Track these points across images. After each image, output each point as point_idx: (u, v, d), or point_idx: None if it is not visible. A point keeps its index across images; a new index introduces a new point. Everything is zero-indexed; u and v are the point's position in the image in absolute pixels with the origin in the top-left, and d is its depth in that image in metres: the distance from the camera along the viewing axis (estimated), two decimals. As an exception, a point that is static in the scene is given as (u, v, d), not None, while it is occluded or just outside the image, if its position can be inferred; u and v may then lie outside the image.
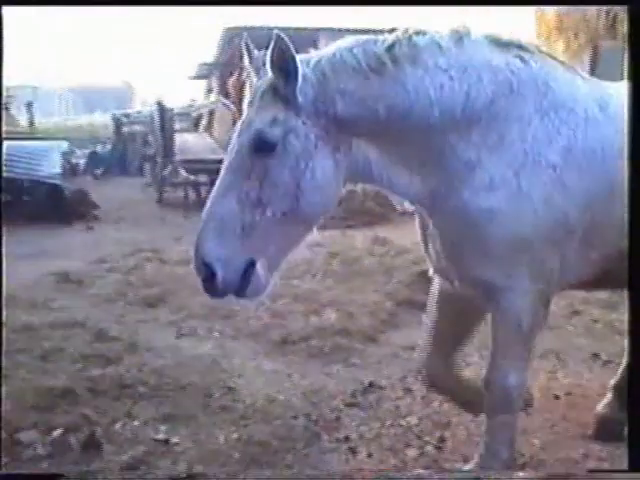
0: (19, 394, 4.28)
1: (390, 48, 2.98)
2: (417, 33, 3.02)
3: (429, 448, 3.87)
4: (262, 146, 2.88)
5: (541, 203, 3.05)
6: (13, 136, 14.39)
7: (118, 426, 4.04)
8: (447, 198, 3.05)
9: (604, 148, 3.18)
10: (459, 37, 3.05)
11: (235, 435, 3.96)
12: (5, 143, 12.35)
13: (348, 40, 3.04)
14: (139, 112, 23.64)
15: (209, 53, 26.10)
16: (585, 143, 3.15)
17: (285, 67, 2.86)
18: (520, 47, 3.17)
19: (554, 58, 3.32)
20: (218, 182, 2.92)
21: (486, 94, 3.02)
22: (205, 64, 26.99)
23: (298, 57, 2.88)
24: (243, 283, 2.89)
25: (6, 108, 22.85)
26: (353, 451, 3.80)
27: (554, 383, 4.64)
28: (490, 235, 3.05)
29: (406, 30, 3.04)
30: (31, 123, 24.15)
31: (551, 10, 14.22)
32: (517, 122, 3.06)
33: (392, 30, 3.06)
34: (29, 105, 25.03)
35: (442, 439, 3.95)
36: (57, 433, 3.86)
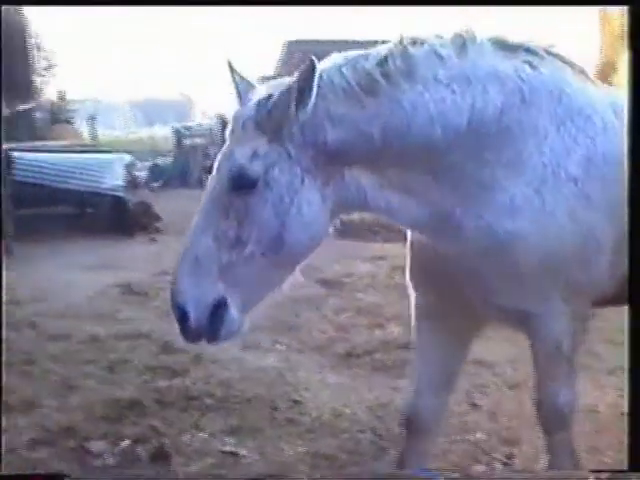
0: (88, 404, 4.39)
1: (382, 63, 2.73)
2: (413, 43, 2.77)
3: (497, 464, 3.84)
4: (242, 182, 2.66)
5: (566, 219, 2.88)
6: (77, 149, 14.70)
7: (186, 438, 4.10)
8: (463, 221, 2.83)
9: (622, 154, 2.97)
10: (462, 43, 2.81)
11: (302, 448, 3.99)
12: (67, 155, 12.69)
13: (336, 57, 2.79)
14: (200, 125, 23.98)
15: (269, 67, 26.50)
16: (605, 151, 2.98)
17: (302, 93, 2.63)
18: (528, 50, 2.94)
19: (564, 60, 3.08)
20: (195, 218, 2.72)
21: (495, 106, 2.79)
22: (265, 77, 27.28)
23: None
24: (214, 324, 2.67)
25: (69, 122, 23.54)
26: (420, 467, 3.79)
27: (622, 400, 4.54)
28: (519, 259, 2.86)
29: (400, 40, 2.78)
30: (94, 136, 24.74)
31: (615, 12, 13.98)
32: (532, 134, 2.86)
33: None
34: (92, 118, 25.66)
35: (510, 455, 3.91)
36: (125, 444, 3.94)
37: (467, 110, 2.75)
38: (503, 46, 2.90)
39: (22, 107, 19.68)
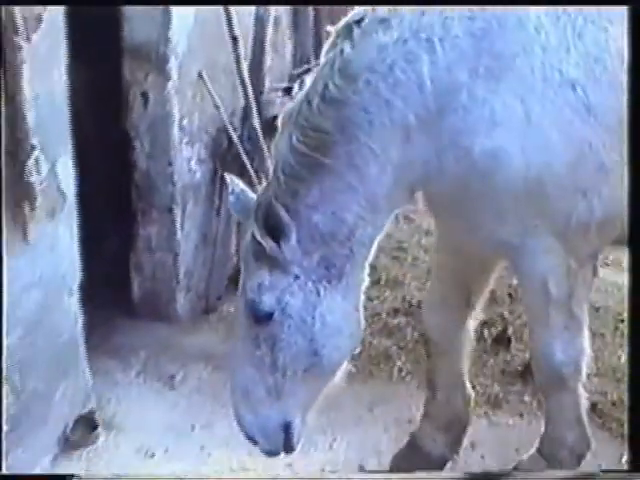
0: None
1: (328, 106, 2.56)
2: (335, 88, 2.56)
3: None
4: (258, 316, 2.69)
5: (557, 134, 2.55)
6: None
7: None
8: (443, 161, 2.61)
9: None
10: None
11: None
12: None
13: (284, 135, 2.67)
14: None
15: None
16: (617, 50, 2.54)
17: (272, 227, 2.60)
18: None
19: None
20: (232, 352, 2.84)
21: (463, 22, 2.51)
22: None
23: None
24: (287, 442, 2.81)
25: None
26: None
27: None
28: (499, 183, 2.60)
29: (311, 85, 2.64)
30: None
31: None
32: (517, 30, 2.55)
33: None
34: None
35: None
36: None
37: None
38: None
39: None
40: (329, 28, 2.76)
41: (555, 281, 2.77)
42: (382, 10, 2.55)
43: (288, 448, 2.86)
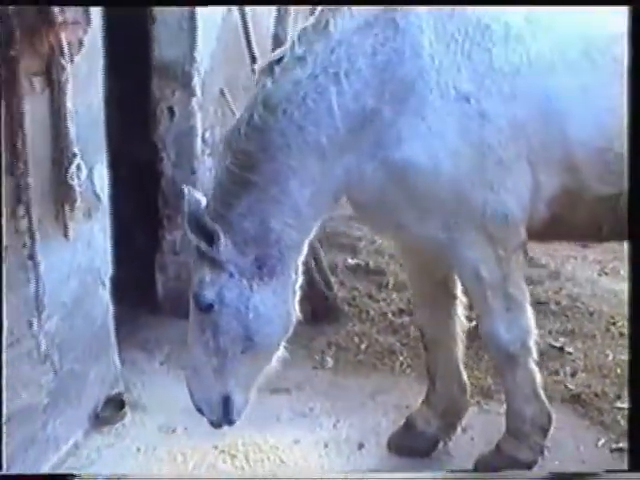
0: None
1: (253, 132, 3.05)
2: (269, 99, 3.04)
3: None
4: (201, 306, 3.17)
5: (458, 141, 3.00)
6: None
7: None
8: (363, 170, 3.07)
9: (532, 64, 3.00)
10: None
11: (624, 357, 4.59)
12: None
13: (222, 157, 3.23)
14: None
15: None
16: (505, 63, 3.00)
17: (202, 233, 3.07)
18: None
19: None
20: (187, 336, 3.32)
21: (365, 54, 2.98)
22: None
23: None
24: (227, 414, 3.28)
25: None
26: None
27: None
28: (416, 188, 3.03)
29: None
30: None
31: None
32: (413, 58, 2.98)
33: None
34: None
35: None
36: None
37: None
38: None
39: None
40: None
41: (487, 269, 3.14)
42: (300, 50, 3.05)
43: (228, 420, 3.34)
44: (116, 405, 3.93)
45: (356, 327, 4.97)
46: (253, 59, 4.83)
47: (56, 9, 3.19)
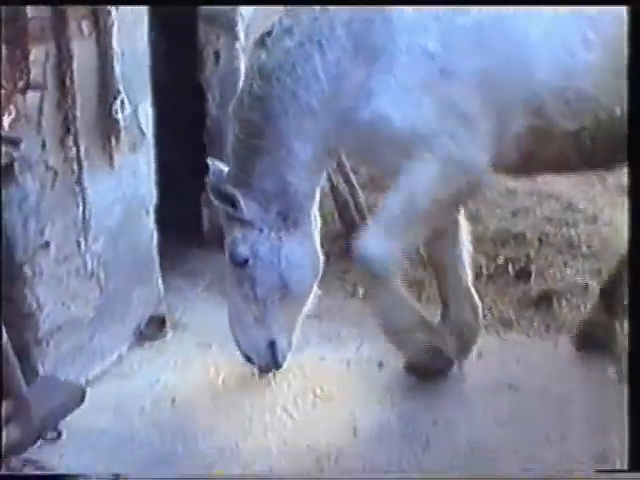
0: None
1: (254, 101, 3.51)
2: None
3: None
4: (237, 262, 3.66)
5: (422, 94, 3.34)
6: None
7: (552, 271, 5.17)
8: (347, 121, 3.47)
9: (494, 19, 3.32)
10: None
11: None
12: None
13: (230, 127, 3.69)
14: None
15: None
16: (469, 21, 3.33)
17: (225, 199, 3.59)
18: None
19: None
20: (226, 290, 3.84)
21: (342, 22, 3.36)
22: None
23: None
24: (274, 358, 3.78)
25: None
26: None
27: None
28: (386, 132, 3.39)
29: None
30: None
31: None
32: (384, 23, 3.34)
33: None
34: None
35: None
36: (500, 260, 5.18)
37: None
38: None
39: None
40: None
41: (424, 197, 3.46)
42: (287, 21, 3.48)
43: (275, 364, 3.81)
44: (158, 324, 4.33)
45: (389, 262, 5.27)
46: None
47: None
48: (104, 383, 3.86)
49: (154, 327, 4.31)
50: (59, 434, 3.12)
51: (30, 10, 3.31)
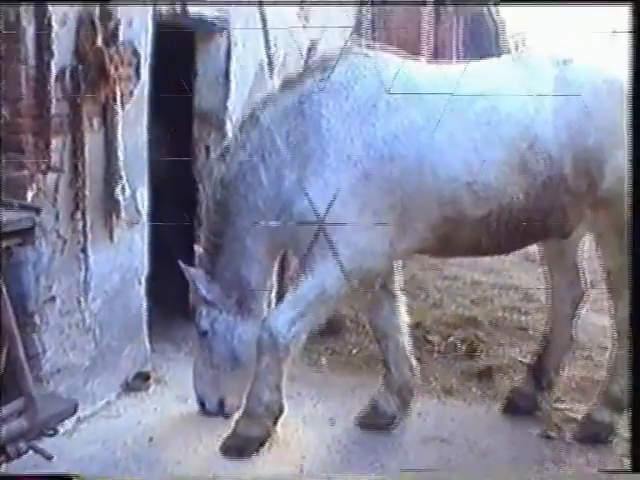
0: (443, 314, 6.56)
1: (217, 206, 4.49)
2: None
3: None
4: (199, 332, 4.63)
5: (348, 194, 4.06)
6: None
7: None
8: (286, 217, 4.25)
9: (407, 130, 4.04)
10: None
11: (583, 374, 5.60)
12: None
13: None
14: None
15: None
16: (386, 133, 4.07)
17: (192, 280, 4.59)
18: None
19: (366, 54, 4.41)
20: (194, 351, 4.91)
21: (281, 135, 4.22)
22: None
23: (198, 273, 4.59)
24: (223, 412, 4.66)
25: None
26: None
27: None
28: (306, 231, 4.15)
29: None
30: None
31: None
32: (315, 136, 4.13)
33: None
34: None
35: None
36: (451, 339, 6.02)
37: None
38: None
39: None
40: None
41: (332, 287, 4.26)
42: (241, 138, 4.46)
43: (225, 415, 4.67)
44: (143, 378, 5.15)
45: (352, 338, 6.15)
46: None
47: (112, 69, 4.51)
48: (94, 421, 4.65)
49: (140, 381, 5.13)
50: (55, 432, 3.77)
51: (54, 107, 4.25)
